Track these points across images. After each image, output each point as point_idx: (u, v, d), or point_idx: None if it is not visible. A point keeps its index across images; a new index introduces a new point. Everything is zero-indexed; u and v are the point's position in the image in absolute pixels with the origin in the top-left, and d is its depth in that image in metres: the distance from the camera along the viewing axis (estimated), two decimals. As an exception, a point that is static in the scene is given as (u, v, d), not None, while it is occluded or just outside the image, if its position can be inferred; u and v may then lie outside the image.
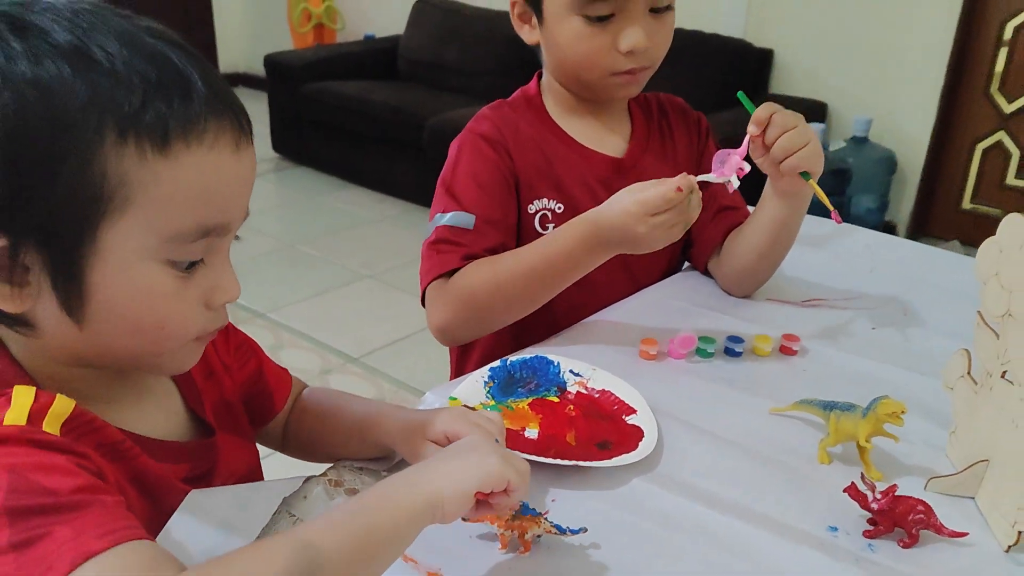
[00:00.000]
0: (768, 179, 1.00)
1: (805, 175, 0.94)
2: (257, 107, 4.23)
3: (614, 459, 0.76)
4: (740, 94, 0.97)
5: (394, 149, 3.66)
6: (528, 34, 1.04)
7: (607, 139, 1.08)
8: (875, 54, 3.03)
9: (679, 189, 0.85)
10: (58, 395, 0.54)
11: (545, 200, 1.03)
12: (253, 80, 5.31)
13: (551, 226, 1.02)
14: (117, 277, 0.53)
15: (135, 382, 0.64)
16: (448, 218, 0.98)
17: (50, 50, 0.50)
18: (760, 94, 3.23)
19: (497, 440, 0.67)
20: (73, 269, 0.52)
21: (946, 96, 2.97)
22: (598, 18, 0.95)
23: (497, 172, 1.01)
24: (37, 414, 0.52)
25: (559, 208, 1.03)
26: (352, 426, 0.77)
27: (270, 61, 4.03)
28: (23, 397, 0.53)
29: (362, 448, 0.76)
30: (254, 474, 0.76)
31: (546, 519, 0.66)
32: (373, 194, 3.82)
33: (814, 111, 3.11)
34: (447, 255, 0.96)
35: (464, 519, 0.64)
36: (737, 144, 0.92)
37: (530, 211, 1.03)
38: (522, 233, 1.03)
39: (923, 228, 3.23)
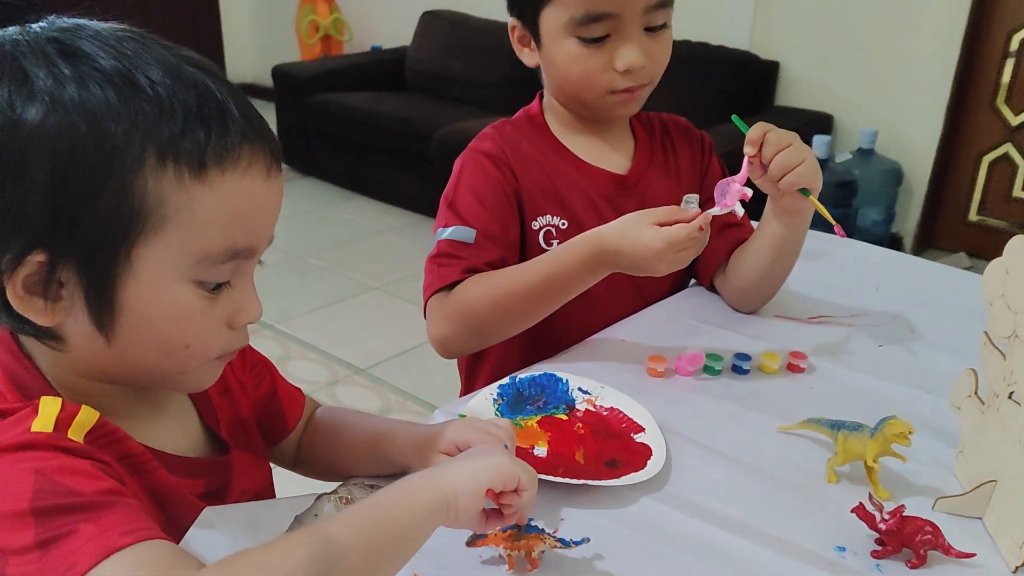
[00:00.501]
0: (768, 199, 1.00)
1: (805, 192, 0.95)
2: (265, 118, 4.25)
3: (623, 478, 0.76)
4: (734, 117, 0.98)
5: (401, 160, 3.67)
6: (528, 57, 1.05)
7: (610, 156, 1.09)
8: (881, 66, 3.04)
9: (701, 229, 0.87)
10: (83, 406, 0.56)
11: (549, 216, 1.04)
12: (261, 91, 5.33)
13: (555, 242, 1.03)
14: (147, 295, 0.55)
15: (154, 399, 0.66)
16: (449, 232, 1.00)
17: (97, 75, 0.52)
18: (766, 106, 3.24)
19: (507, 446, 0.69)
20: (106, 286, 0.54)
21: (952, 108, 2.97)
22: (593, 39, 0.96)
23: (499, 188, 1.02)
24: (63, 422, 0.54)
25: (563, 224, 1.04)
26: (364, 443, 0.78)
27: (278, 72, 4.06)
28: (50, 406, 0.55)
29: (375, 465, 0.77)
30: (267, 491, 0.77)
31: (550, 534, 0.66)
32: (380, 205, 3.84)
33: (820, 123, 3.11)
34: (448, 268, 0.98)
35: (469, 544, 0.64)
36: (736, 166, 0.93)
37: (534, 227, 1.04)
38: (526, 249, 1.04)
39: (929, 240, 3.23)
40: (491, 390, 0.89)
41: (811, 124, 3.06)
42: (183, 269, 0.55)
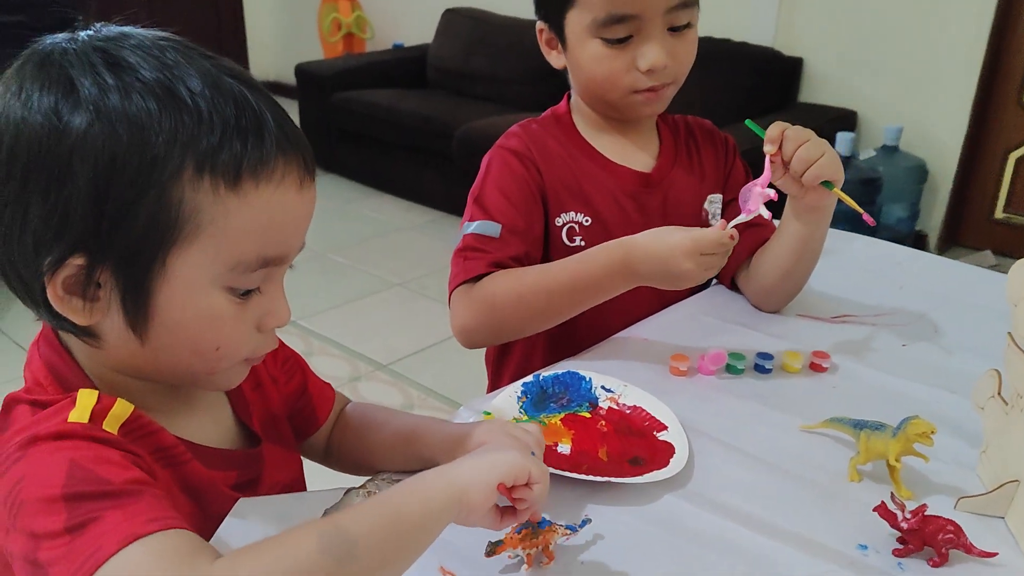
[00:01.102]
0: (788, 199, 1.01)
1: (828, 184, 0.95)
2: (297, 125, 4.29)
3: (646, 475, 0.77)
4: (748, 122, 0.99)
5: (423, 157, 3.69)
6: (555, 59, 1.07)
7: (635, 155, 1.10)
8: (906, 62, 3.01)
9: (732, 238, 0.89)
10: (118, 399, 0.58)
11: (572, 213, 1.06)
12: (284, 89, 5.37)
13: (578, 239, 1.05)
14: (180, 300, 0.57)
15: (187, 393, 0.68)
16: (475, 226, 1.02)
17: (139, 86, 0.53)
18: (789, 103, 3.23)
19: (534, 453, 0.69)
20: (141, 290, 0.56)
21: (978, 104, 2.94)
22: (616, 40, 0.98)
23: (524, 185, 1.04)
24: (99, 414, 0.56)
25: (587, 221, 1.06)
26: (394, 441, 0.80)
27: (301, 70, 4.09)
28: (87, 399, 0.57)
29: (404, 462, 0.78)
30: (297, 483, 0.79)
31: (559, 524, 0.68)
32: (402, 202, 3.86)
33: (844, 120, 3.09)
34: (473, 262, 0.99)
35: (488, 554, 0.65)
36: (759, 165, 0.94)
37: (557, 224, 1.05)
38: (549, 245, 1.06)
39: (954, 238, 3.20)
40: (515, 388, 0.90)
41: (835, 121, 3.04)
42: (215, 276, 0.57)
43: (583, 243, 1.04)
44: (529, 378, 0.91)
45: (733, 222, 0.90)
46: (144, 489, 0.52)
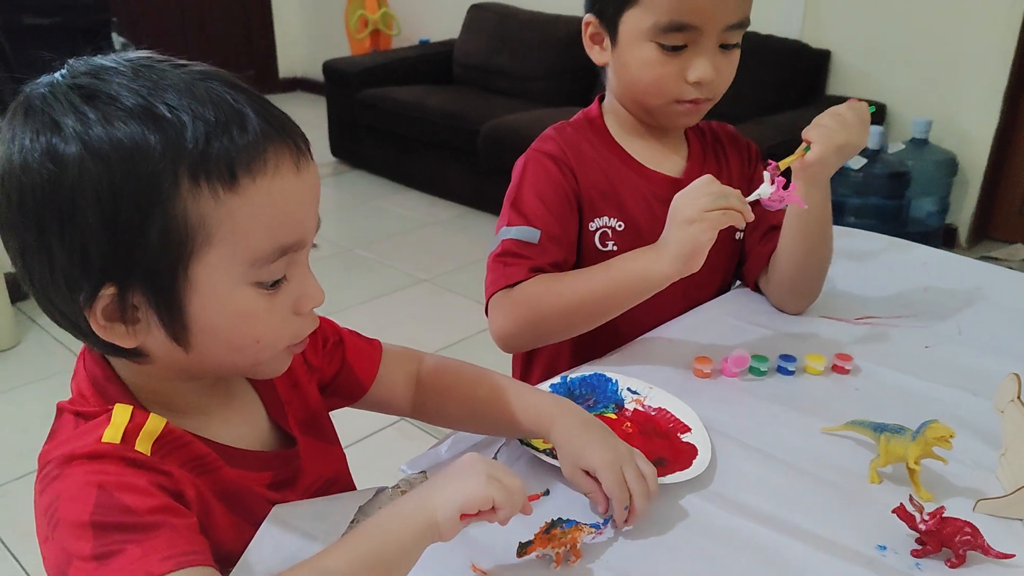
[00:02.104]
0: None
1: (806, 148, 0.99)
2: (316, 112, 4.33)
3: (669, 476, 0.79)
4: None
5: (449, 153, 3.72)
6: (598, 55, 1.07)
7: (666, 160, 1.11)
8: (935, 54, 2.98)
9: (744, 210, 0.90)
10: (151, 414, 0.61)
11: (606, 218, 1.07)
12: (312, 85, 5.44)
13: (611, 244, 1.06)
14: (212, 305, 0.59)
15: (224, 396, 0.71)
16: (514, 232, 1.03)
17: (121, 114, 0.55)
18: (817, 96, 3.20)
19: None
20: (174, 303, 0.58)
21: (1009, 96, 2.91)
22: (672, 48, 0.98)
23: (560, 190, 1.05)
24: (131, 433, 0.59)
25: (620, 226, 1.07)
26: (472, 408, 0.85)
27: (328, 67, 4.13)
28: (121, 415, 0.60)
29: (482, 428, 0.86)
30: (342, 475, 0.82)
31: (584, 523, 0.70)
32: (428, 198, 3.89)
33: (872, 113, 3.07)
34: (513, 267, 1.01)
35: (520, 554, 0.69)
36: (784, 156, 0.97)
37: (591, 228, 1.07)
38: (582, 250, 1.07)
39: (985, 231, 3.17)
40: (543, 388, 0.92)
41: (862, 114, 3.01)
42: (239, 275, 0.59)
43: (615, 248, 1.06)
44: (556, 379, 0.93)
45: (749, 198, 0.92)
46: (165, 521, 0.55)
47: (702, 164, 1.13)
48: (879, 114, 3.10)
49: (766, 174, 0.95)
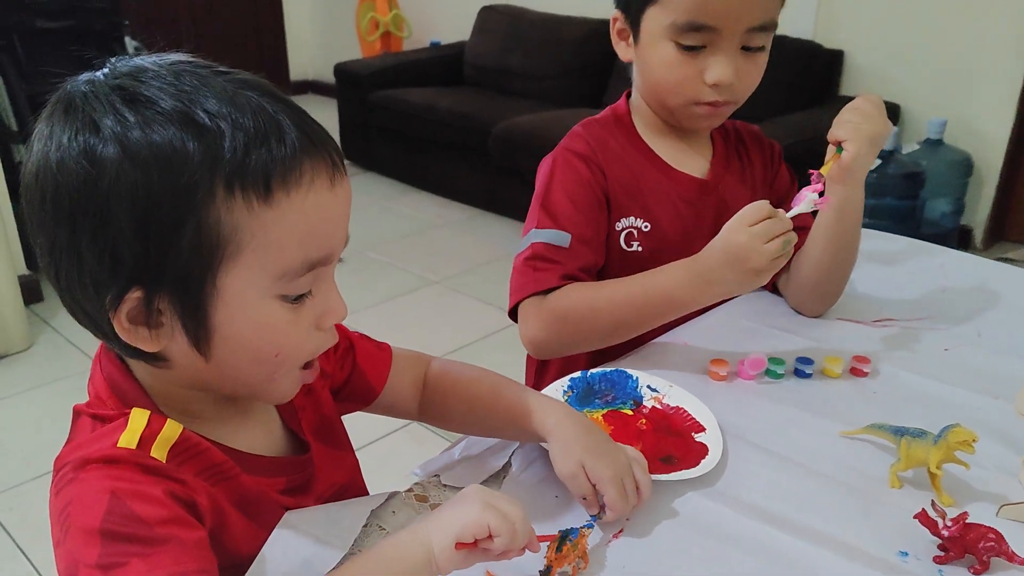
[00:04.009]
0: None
1: (839, 149, 0.97)
2: (326, 114, 4.34)
3: (674, 473, 0.79)
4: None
5: (460, 155, 3.72)
6: (624, 51, 1.06)
7: (691, 160, 1.10)
8: (950, 53, 2.96)
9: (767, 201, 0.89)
10: (168, 420, 0.61)
11: (632, 218, 1.06)
12: (323, 87, 5.45)
13: (636, 244, 1.05)
14: (237, 316, 0.59)
15: (240, 403, 0.70)
16: (544, 235, 1.01)
17: (160, 118, 0.54)
18: (830, 96, 3.18)
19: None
20: (199, 311, 0.58)
21: (1026, 96, 2.88)
22: (690, 47, 0.97)
23: (590, 190, 1.04)
24: (148, 439, 0.59)
25: (646, 227, 1.06)
26: (471, 409, 0.84)
27: (339, 69, 4.15)
28: (138, 420, 0.60)
29: (481, 431, 0.85)
30: (354, 481, 0.82)
31: (584, 526, 0.70)
32: (439, 200, 3.89)
33: (887, 113, 3.05)
34: (544, 273, 0.99)
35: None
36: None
37: (617, 228, 1.05)
38: (608, 249, 1.05)
39: (1001, 232, 3.14)
40: (562, 383, 0.92)
41: (876, 115, 2.99)
42: (265, 287, 0.59)
43: (640, 248, 1.05)
44: (577, 374, 0.93)
45: (790, 213, 0.91)
46: (173, 535, 0.54)
47: (726, 165, 1.12)
48: (893, 115, 3.08)
49: (807, 193, 0.93)
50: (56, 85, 0.58)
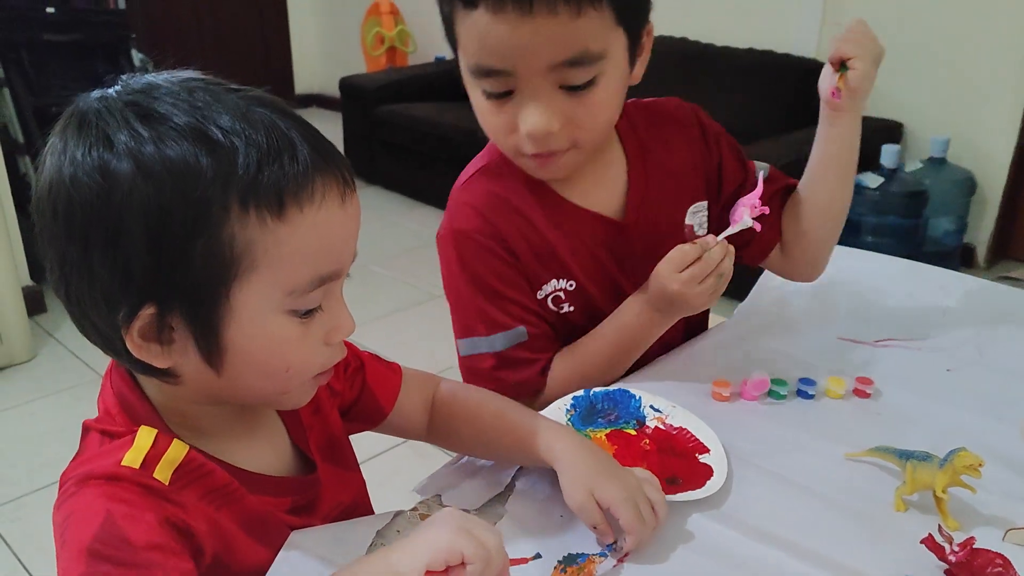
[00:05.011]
0: (820, 113, 1.00)
1: (843, 67, 0.93)
2: (331, 128, 4.35)
3: (679, 495, 0.78)
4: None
5: (464, 169, 3.72)
6: None
7: (600, 188, 0.97)
8: (953, 71, 2.97)
9: (693, 243, 0.89)
10: (175, 440, 0.61)
11: (554, 281, 0.97)
12: (328, 101, 5.48)
13: (565, 305, 0.98)
14: (248, 331, 0.59)
15: (249, 421, 0.71)
16: (500, 340, 0.95)
17: (173, 133, 0.55)
18: (832, 114, 3.19)
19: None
20: (211, 327, 0.58)
21: (1029, 115, 2.89)
22: (495, 94, 0.84)
23: (506, 267, 0.95)
24: (152, 459, 0.59)
25: (570, 286, 0.98)
26: (478, 435, 0.84)
27: (344, 84, 4.17)
28: (144, 440, 0.60)
29: (488, 455, 0.85)
30: (361, 500, 0.82)
31: (595, 553, 0.70)
32: (443, 213, 3.89)
33: (889, 131, 3.05)
34: (523, 374, 0.95)
35: None
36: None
37: (540, 296, 0.98)
38: (544, 314, 0.99)
39: (1004, 251, 3.13)
40: (565, 401, 0.92)
41: (880, 132, 3.00)
42: (276, 303, 0.59)
43: (572, 308, 0.99)
44: (580, 392, 0.93)
45: (722, 235, 0.91)
46: (157, 563, 0.54)
47: (645, 178, 0.99)
48: (896, 133, 3.09)
49: (743, 208, 0.93)
50: (63, 98, 0.59)
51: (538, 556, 0.71)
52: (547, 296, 0.98)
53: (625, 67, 0.87)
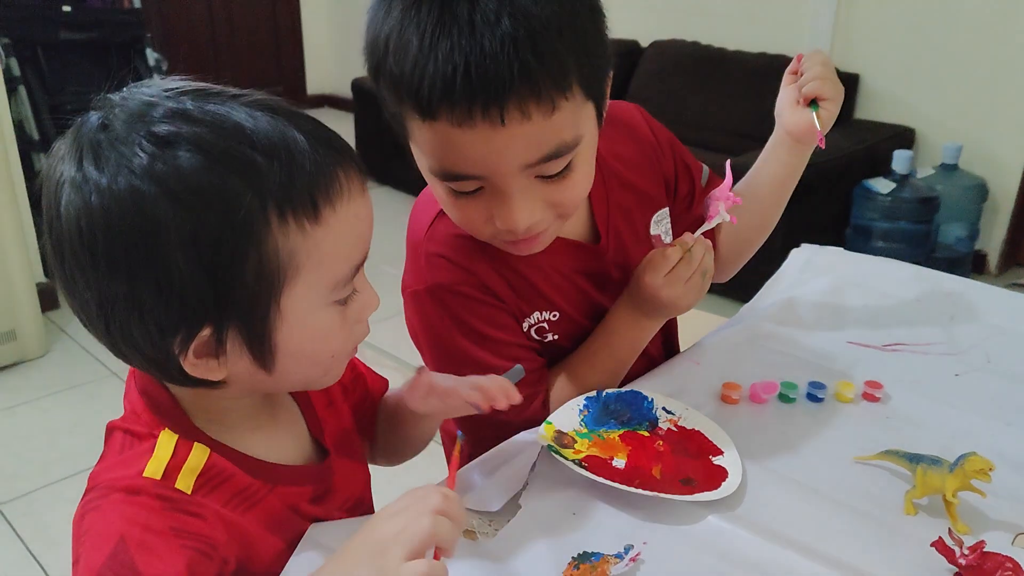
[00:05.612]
0: (776, 137, 1.05)
1: (814, 105, 0.96)
2: (343, 129, 4.29)
3: (696, 495, 0.79)
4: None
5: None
6: None
7: (572, 219, 0.91)
8: (966, 78, 2.96)
9: (673, 245, 0.90)
10: (196, 445, 0.62)
11: (537, 313, 0.95)
12: (340, 102, 5.50)
13: (549, 335, 0.97)
14: (298, 331, 0.61)
15: (272, 411, 0.72)
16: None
17: (197, 158, 0.53)
18: (845, 119, 3.18)
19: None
20: (263, 334, 0.59)
21: (1042, 122, 2.88)
22: (464, 193, 0.78)
23: (495, 311, 0.92)
24: (173, 469, 0.61)
25: (553, 316, 0.96)
26: (391, 426, 0.88)
27: (357, 85, 4.19)
28: (164, 448, 0.61)
29: (397, 427, 0.88)
30: (366, 496, 0.83)
31: (610, 555, 0.70)
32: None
33: (901, 137, 3.05)
34: (529, 412, 0.94)
35: None
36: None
37: (526, 329, 0.96)
38: (531, 344, 0.98)
39: (1015, 258, 3.12)
40: (578, 402, 0.92)
41: (892, 139, 3.00)
42: (322, 298, 0.61)
43: (556, 337, 0.97)
44: (592, 393, 0.93)
45: (699, 231, 0.92)
46: None
47: (606, 200, 0.96)
48: (908, 138, 3.08)
49: (717, 202, 0.94)
50: (78, 95, 0.59)
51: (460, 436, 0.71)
52: (532, 327, 0.97)
53: (595, 132, 0.81)
